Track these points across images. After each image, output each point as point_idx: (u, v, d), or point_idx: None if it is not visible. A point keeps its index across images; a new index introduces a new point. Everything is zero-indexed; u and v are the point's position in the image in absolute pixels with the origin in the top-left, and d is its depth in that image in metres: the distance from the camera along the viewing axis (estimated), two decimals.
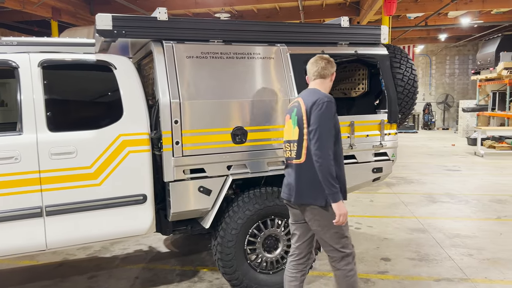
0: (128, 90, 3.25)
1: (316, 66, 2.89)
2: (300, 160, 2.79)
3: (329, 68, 2.91)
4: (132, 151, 3.15)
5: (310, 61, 2.95)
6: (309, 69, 2.94)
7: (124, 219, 3.18)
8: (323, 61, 2.90)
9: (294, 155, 2.83)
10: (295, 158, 2.82)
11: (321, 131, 2.66)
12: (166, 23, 3.31)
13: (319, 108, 2.69)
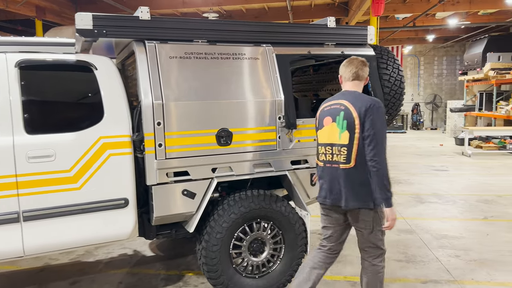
0: (109, 91, 3.17)
1: (353, 67, 2.91)
2: (350, 164, 2.77)
3: (365, 70, 2.94)
4: (113, 154, 3.07)
5: (344, 62, 2.97)
6: (345, 70, 2.95)
7: (105, 224, 3.09)
8: (360, 63, 2.93)
9: (343, 159, 2.78)
10: (344, 163, 2.78)
11: (378, 136, 2.69)
12: (148, 23, 3.23)
13: (375, 114, 2.71)
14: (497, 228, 5.40)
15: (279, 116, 3.56)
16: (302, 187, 3.77)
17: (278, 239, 3.63)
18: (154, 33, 3.26)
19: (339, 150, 2.80)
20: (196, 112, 3.26)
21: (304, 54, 3.76)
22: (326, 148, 2.90)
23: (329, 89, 4.77)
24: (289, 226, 3.61)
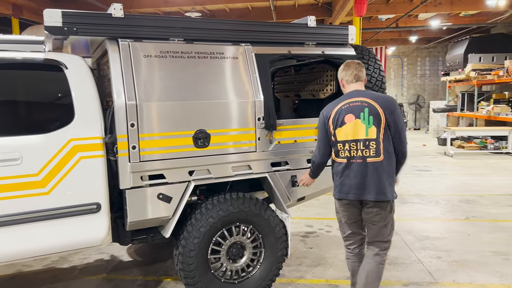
0: (80, 91, 3.03)
1: (353, 69, 3.07)
2: (379, 158, 2.90)
3: (364, 71, 3.13)
4: (84, 157, 2.94)
5: (343, 67, 3.12)
6: (345, 73, 3.09)
7: (76, 230, 2.95)
8: (358, 65, 3.11)
9: (373, 153, 2.91)
10: (374, 157, 2.91)
11: (402, 130, 2.96)
12: (121, 20, 3.11)
13: (397, 109, 2.96)
14: (479, 228, 5.41)
15: (258, 117, 3.47)
16: (282, 189, 3.69)
17: (258, 243, 3.54)
18: (128, 31, 3.14)
19: (366, 145, 2.90)
20: (172, 113, 3.15)
21: (284, 53, 3.68)
22: (350, 144, 2.95)
23: (310, 89, 4.70)
24: (269, 229, 3.52)
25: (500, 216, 5.93)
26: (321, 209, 6.44)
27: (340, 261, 4.38)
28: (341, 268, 4.22)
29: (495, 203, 6.63)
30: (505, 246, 4.73)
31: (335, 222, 5.74)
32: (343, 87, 3.15)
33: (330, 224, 5.67)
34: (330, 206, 6.63)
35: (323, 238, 5.13)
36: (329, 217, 5.99)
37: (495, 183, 8.12)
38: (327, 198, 7.01)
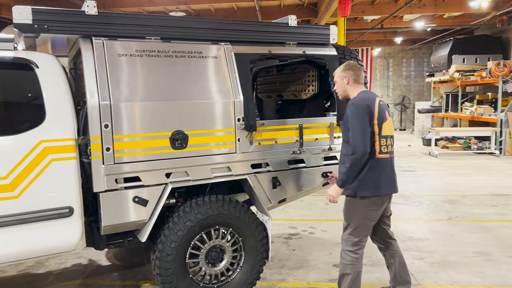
0: (52, 91, 2.92)
1: (363, 72, 3.24)
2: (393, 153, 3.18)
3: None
4: (55, 159, 2.83)
5: (353, 67, 3.18)
6: (358, 74, 3.18)
7: (48, 235, 2.84)
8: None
9: (393, 149, 3.16)
10: (393, 152, 3.16)
11: None
12: (95, 18, 3.01)
13: None
14: (461, 228, 5.42)
15: (238, 118, 3.40)
16: (263, 191, 3.63)
17: (237, 246, 3.47)
18: (102, 29, 3.04)
19: (393, 141, 3.15)
20: (147, 114, 3.06)
21: (264, 53, 3.61)
22: (389, 140, 3.10)
23: (292, 90, 4.65)
24: (249, 232, 3.46)
25: (483, 216, 5.96)
26: (306, 211, 6.40)
27: (323, 264, 4.33)
28: (323, 270, 4.17)
29: (478, 203, 6.66)
30: (487, 247, 4.74)
31: (319, 223, 5.74)
32: (348, 84, 3.17)
33: (314, 225, 5.62)
34: (314, 207, 6.60)
35: (307, 240, 5.08)
36: (313, 219, 5.95)
37: (478, 183, 8.18)
38: (312, 199, 6.99)
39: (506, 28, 14.50)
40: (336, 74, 3.25)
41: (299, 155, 3.71)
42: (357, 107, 3.01)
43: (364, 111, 2.99)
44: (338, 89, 3.26)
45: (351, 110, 3.03)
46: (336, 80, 3.25)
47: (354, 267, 3.13)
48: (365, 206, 3.08)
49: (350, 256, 3.14)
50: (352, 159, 2.96)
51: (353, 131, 2.98)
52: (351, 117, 3.01)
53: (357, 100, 3.06)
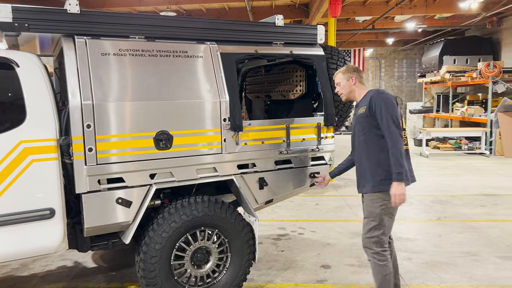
0: (33, 90, 2.87)
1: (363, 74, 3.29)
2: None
3: None
4: (36, 160, 2.78)
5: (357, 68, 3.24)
6: (360, 74, 3.23)
7: (28, 237, 2.79)
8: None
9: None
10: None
11: None
12: (78, 17, 2.97)
13: None
14: (450, 229, 5.43)
15: (224, 118, 3.37)
16: (250, 192, 3.60)
17: (224, 247, 3.43)
18: (85, 28, 3.00)
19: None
20: (131, 114, 3.02)
21: (251, 53, 3.58)
22: (405, 133, 3.15)
23: (280, 90, 4.62)
24: (236, 233, 3.42)
25: (471, 216, 5.98)
26: (296, 211, 6.38)
27: (311, 264, 4.31)
28: (311, 271, 4.15)
29: (467, 203, 6.69)
30: (475, 247, 4.75)
31: (308, 224, 5.72)
32: (354, 84, 3.19)
33: (303, 226, 5.60)
34: (304, 207, 6.58)
35: (296, 240, 5.06)
36: (302, 219, 5.93)
37: (468, 184, 8.21)
38: (302, 199, 6.98)
39: (496, 29, 14.62)
40: (339, 76, 3.23)
41: (286, 156, 3.69)
42: (389, 96, 3.01)
43: (394, 101, 3.02)
44: (343, 89, 3.22)
45: (382, 98, 2.98)
46: (340, 82, 3.22)
47: (388, 262, 3.10)
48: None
49: (383, 255, 3.08)
50: (398, 148, 2.89)
51: (390, 118, 2.92)
52: (390, 106, 2.95)
53: (387, 93, 3.07)
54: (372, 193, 3.08)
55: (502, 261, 4.33)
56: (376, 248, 3.08)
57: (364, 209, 3.22)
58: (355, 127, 3.20)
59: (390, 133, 2.92)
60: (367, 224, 3.12)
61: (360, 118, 3.13)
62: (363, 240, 3.17)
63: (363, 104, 3.13)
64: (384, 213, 3.04)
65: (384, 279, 3.08)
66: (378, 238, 3.06)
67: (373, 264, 3.12)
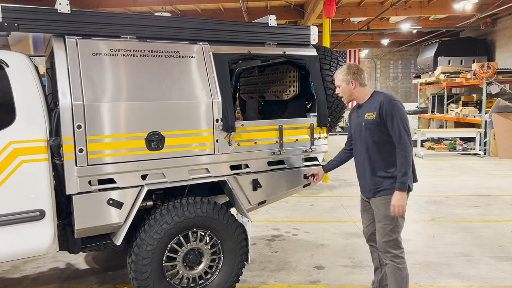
0: (23, 91, 2.85)
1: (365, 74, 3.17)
2: None
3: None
4: (25, 161, 2.75)
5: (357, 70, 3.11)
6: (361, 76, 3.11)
7: (18, 239, 2.76)
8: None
9: None
10: None
11: None
12: (68, 16, 2.95)
13: None
14: (444, 229, 5.44)
15: (216, 119, 3.35)
16: (243, 193, 3.58)
17: (216, 248, 3.42)
18: (75, 28, 2.98)
19: None
20: (122, 114, 3.00)
21: (243, 53, 3.57)
22: None
23: (274, 90, 4.62)
24: (228, 234, 3.41)
25: (465, 217, 5.99)
26: (290, 212, 6.37)
27: (305, 265, 4.31)
28: (305, 272, 4.15)
29: (461, 204, 6.71)
30: (467, 247, 4.76)
31: (303, 225, 5.72)
32: (354, 88, 3.09)
33: (297, 227, 5.60)
34: (299, 208, 6.58)
35: (290, 241, 5.05)
36: (297, 220, 5.92)
37: (462, 184, 8.24)
38: (297, 200, 6.97)
39: (490, 30, 14.69)
40: (339, 78, 3.13)
41: (279, 156, 3.68)
42: (399, 103, 2.98)
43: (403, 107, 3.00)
44: (343, 93, 3.15)
45: (394, 106, 2.94)
46: (340, 85, 3.14)
47: (406, 264, 3.09)
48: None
49: (402, 257, 3.07)
50: (408, 155, 2.89)
51: (402, 127, 2.91)
52: (402, 114, 2.93)
53: (398, 100, 3.01)
54: (386, 196, 3.03)
55: (495, 262, 4.34)
56: (395, 251, 3.05)
57: (376, 213, 3.12)
58: (363, 132, 3.10)
59: (402, 143, 2.91)
60: (383, 229, 3.07)
61: (369, 124, 3.04)
62: (380, 245, 3.10)
63: (370, 109, 3.04)
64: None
65: (402, 282, 3.06)
66: (395, 240, 3.05)
67: (392, 268, 3.06)
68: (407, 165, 2.90)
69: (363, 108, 3.14)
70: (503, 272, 4.08)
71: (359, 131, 3.16)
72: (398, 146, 2.93)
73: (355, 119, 3.23)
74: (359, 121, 3.16)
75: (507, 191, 7.59)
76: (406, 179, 2.90)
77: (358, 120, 3.18)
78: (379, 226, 3.09)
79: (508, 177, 8.83)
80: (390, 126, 2.95)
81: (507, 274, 4.05)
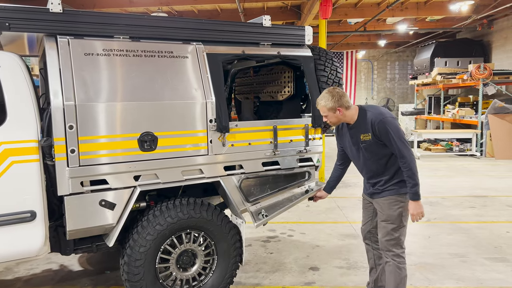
0: (14, 91, 2.82)
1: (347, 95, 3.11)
2: None
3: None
4: (16, 162, 2.73)
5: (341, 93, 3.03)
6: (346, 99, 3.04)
7: (8, 240, 2.73)
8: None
9: None
10: None
11: None
12: (60, 16, 2.92)
13: None
14: (439, 230, 5.43)
15: (210, 119, 3.33)
16: (237, 193, 3.56)
17: (210, 250, 3.40)
18: (68, 28, 2.95)
19: None
20: (115, 115, 2.98)
21: (238, 53, 3.56)
22: None
23: (269, 91, 4.60)
24: (222, 235, 3.39)
25: (460, 218, 5.99)
26: (286, 213, 6.28)
27: (299, 267, 4.29)
28: (300, 273, 4.13)
29: (457, 205, 6.70)
30: (463, 248, 4.75)
31: (298, 226, 5.70)
32: (341, 114, 3.03)
33: (293, 228, 5.58)
34: (295, 209, 6.55)
35: (285, 242, 5.03)
36: (293, 221, 5.90)
37: (458, 185, 8.24)
38: None
39: (486, 32, 14.72)
40: (324, 110, 3.06)
41: (273, 157, 3.66)
42: (394, 120, 3.03)
43: (396, 121, 3.05)
44: (331, 120, 3.10)
45: (390, 124, 2.97)
46: (327, 115, 3.07)
47: (406, 265, 3.13)
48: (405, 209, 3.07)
49: (403, 257, 3.11)
50: (411, 166, 2.93)
51: (399, 142, 2.95)
52: (395, 129, 2.96)
53: (386, 114, 3.03)
54: (390, 196, 3.08)
55: (490, 263, 4.33)
56: (397, 250, 3.09)
57: (380, 213, 3.16)
58: (363, 153, 3.11)
59: (403, 156, 2.94)
60: (386, 227, 3.11)
61: (368, 145, 3.05)
62: (382, 244, 3.15)
63: (363, 129, 3.04)
64: (402, 214, 3.08)
65: (401, 282, 3.10)
66: (398, 239, 3.09)
67: (392, 267, 3.10)
68: (414, 176, 2.94)
69: (354, 129, 3.11)
70: (498, 273, 4.08)
71: (356, 150, 3.17)
72: (400, 159, 2.97)
73: (349, 140, 3.20)
74: (354, 142, 3.15)
75: (503, 192, 7.59)
76: (417, 189, 2.95)
77: (353, 141, 3.16)
78: (382, 225, 3.13)
79: (504, 178, 8.84)
80: (388, 143, 2.99)
81: (502, 275, 4.04)
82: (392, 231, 3.08)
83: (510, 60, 13.49)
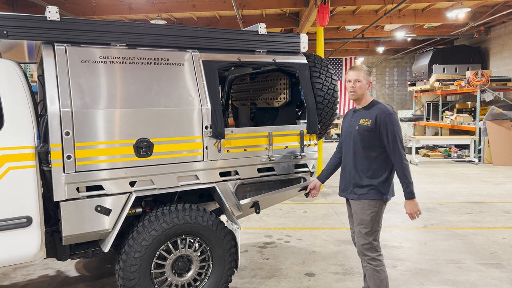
0: (11, 97, 2.86)
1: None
2: None
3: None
4: (13, 167, 2.76)
5: (367, 71, 3.21)
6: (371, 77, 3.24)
7: (4, 246, 2.76)
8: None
9: None
10: None
11: None
12: (58, 24, 2.97)
13: None
14: (436, 236, 5.45)
15: (206, 125, 3.37)
16: (232, 199, 3.59)
17: (205, 255, 3.42)
18: (65, 35, 3.00)
19: None
20: (111, 121, 3.02)
21: (233, 61, 3.60)
22: None
23: (265, 98, 4.64)
24: (217, 241, 3.41)
25: (457, 224, 6.00)
26: (283, 219, 6.36)
27: (295, 272, 4.30)
28: (295, 279, 4.14)
29: (454, 211, 6.72)
30: (458, 254, 4.76)
31: (295, 232, 5.72)
32: (368, 89, 3.24)
33: (290, 234, 5.59)
34: (292, 215, 6.57)
35: (281, 248, 5.04)
36: (290, 227, 5.92)
37: (456, 191, 8.26)
38: (290, 207, 6.97)
39: (484, 39, 14.81)
40: (363, 75, 3.19)
41: (269, 163, 3.69)
42: (396, 116, 3.11)
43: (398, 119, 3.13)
44: (360, 89, 3.19)
45: (394, 121, 3.06)
46: (361, 80, 3.18)
47: (384, 267, 3.18)
48: (381, 211, 3.19)
49: (380, 260, 3.17)
50: (403, 164, 3.05)
51: (396, 138, 3.04)
52: (396, 127, 3.06)
53: (394, 114, 3.11)
54: (364, 200, 3.15)
55: (485, 269, 4.35)
56: (372, 253, 3.15)
57: (354, 216, 3.25)
58: (354, 136, 3.19)
59: (397, 154, 3.04)
60: (360, 232, 3.18)
61: (363, 130, 3.13)
62: (358, 248, 3.23)
63: (367, 115, 3.15)
64: (374, 220, 3.14)
65: (381, 284, 3.15)
66: (371, 244, 3.15)
67: (370, 270, 3.16)
68: (407, 174, 3.05)
69: (359, 113, 3.23)
70: (493, 279, 4.09)
71: (349, 134, 3.25)
72: (392, 156, 3.05)
73: (349, 121, 3.30)
74: (351, 124, 3.24)
75: (500, 198, 7.61)
76: (411, 187, 3.08)
77: (351, 123, 3.25)
78: (357, 230, 3.21)
79: (501, 184, 8.86)
80: (385, 137, 3.06)
81: (497, 281, 4.05)
82: (365, 235, 3.15)
83: (507, 67, 13.57)
